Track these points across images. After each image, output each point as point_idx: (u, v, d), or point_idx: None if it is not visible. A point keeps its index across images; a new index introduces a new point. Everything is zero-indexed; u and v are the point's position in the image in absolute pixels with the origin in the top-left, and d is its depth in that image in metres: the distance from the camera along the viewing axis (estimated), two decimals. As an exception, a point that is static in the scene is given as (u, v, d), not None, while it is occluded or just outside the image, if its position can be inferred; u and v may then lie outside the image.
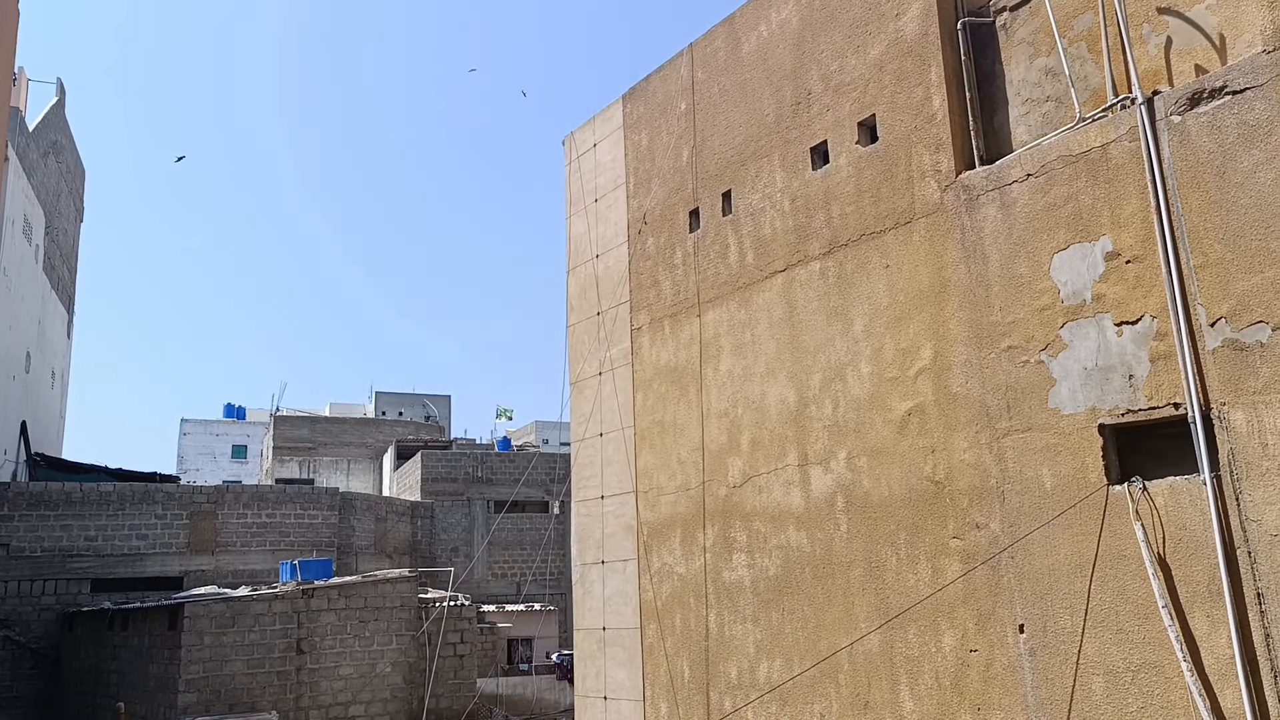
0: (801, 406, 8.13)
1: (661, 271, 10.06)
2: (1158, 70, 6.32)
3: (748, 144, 9.03)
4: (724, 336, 9.09)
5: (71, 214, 32.20)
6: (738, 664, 8.45)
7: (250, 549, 23.99)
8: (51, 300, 29.43)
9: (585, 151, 11.63)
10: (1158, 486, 5.73)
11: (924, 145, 7.32)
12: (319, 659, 17.58)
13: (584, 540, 10.77)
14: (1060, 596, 6.11)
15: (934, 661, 6.83)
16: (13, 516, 21.54)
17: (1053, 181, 6.41)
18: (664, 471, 9.67)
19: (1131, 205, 5.97)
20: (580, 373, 11.24)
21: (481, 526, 32.08)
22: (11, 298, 24.01)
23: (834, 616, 7.60)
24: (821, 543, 7.78)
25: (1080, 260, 6.21)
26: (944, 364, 7.02)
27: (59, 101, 29.45)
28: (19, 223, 24.40)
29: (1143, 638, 5.67)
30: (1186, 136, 5.74)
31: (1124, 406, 5.92)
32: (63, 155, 30.10)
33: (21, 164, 24.19)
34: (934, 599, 6.84)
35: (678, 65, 10.12)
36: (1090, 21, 6.69)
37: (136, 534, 22.82)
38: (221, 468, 56.04)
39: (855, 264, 7.79)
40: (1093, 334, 6.11)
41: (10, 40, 9.82)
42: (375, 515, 28.93)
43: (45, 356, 28.77)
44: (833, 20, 8.21)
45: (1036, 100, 7.04)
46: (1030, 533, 6.29)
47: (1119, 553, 5.84)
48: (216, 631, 16.74)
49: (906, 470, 7.19)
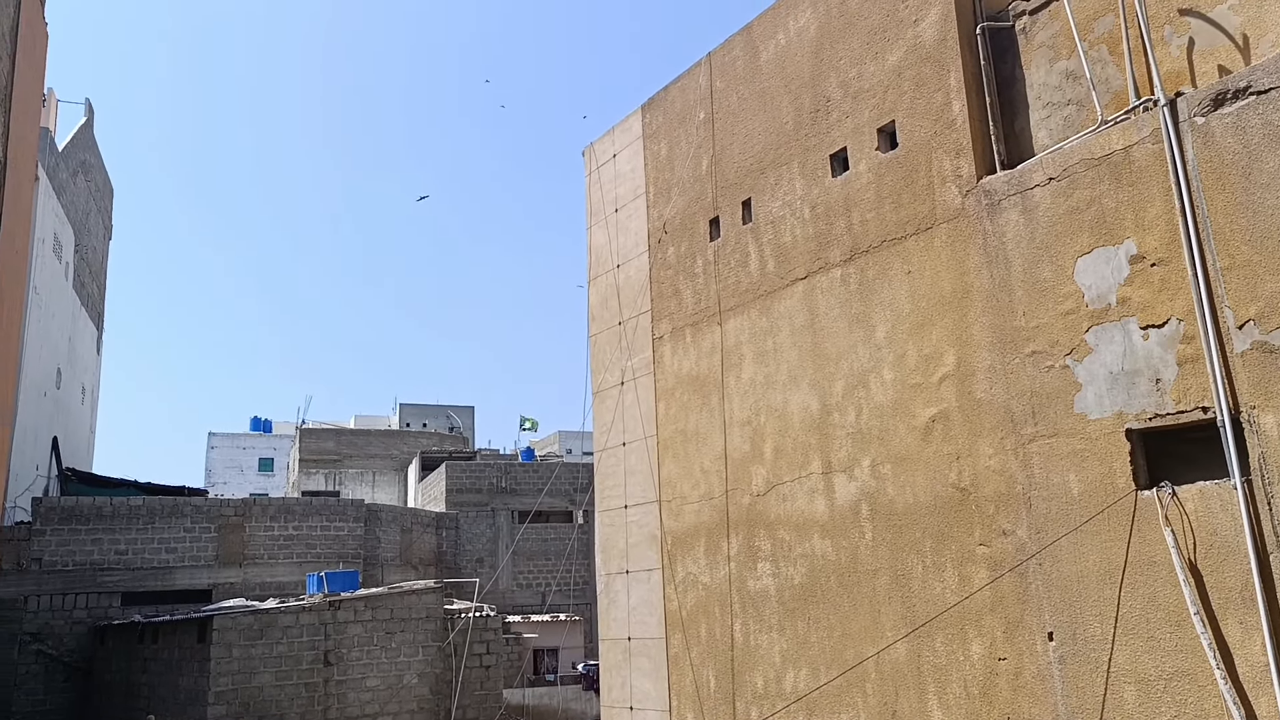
0: (824, 414, 8.11)
1: (682, 280, 10.07)
2: (1180, 71, 6.27)
3: (767, 152, 9.03)
4: (745, 345, 9.08)
5: (100, 232, 32.69)
6: (763, 674, 8.41)
7: (277, 561, 24.17)
8: (81, 317, 29.86)
9: (605, 162, 11.68)
10: (1187, 491, 5.66)
11: (944, 151, 7.30)
12: (346, 670, 17.66)
13: (608, 550, 10.77)
14: (1090, 604, 6.04)
15: (962, 670, 6.77)
16: (45, 531, 21.82)
17: (1075, 185, 6.37)
18: (687, 480, 9.66)
19: (1155, 208, 5.92)
20: (602, 382, 11.26)
21: (506, 537, 32.15)
22: (42, 315, 24.39)
23: (860, 625, 7.56)
24: (846, 551, 7.74)
25: (1104, 264, 6.16)
26: (967, 370, 6.97)
27: (87, 122, 29.95)
28: (49, 241, 24.80)
29: (1175, 645, 5.59)
30: (1211, 138, 5.69)
31: (1151, 411, 5.86)
32: (91, 174, 30.58)
33: (51, 183, 24.60)
34: (961, 607, 6.79)
35: (696, 75, 10.14)
36: (1111, 24, 6.64)
37: (166, 547, 23.06)
38: (249, 481, 56.54)
39: (877, 270, 7.77)
40: (1118, 338, 6.05)
41: (40, 62, 10.01)
42: (400, 526, 29.06)
43: (75, 372, 29.19)
44: (851, 27, 8.21)
45: (1057, 104, 7.00)
46: (1058, 539, 6.23)
47: (1149, 559, 5.77)
48: (245, 644, 16.87)
49: (931, 477, 7.14)
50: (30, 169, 10.21)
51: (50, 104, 25.98)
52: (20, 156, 9.31)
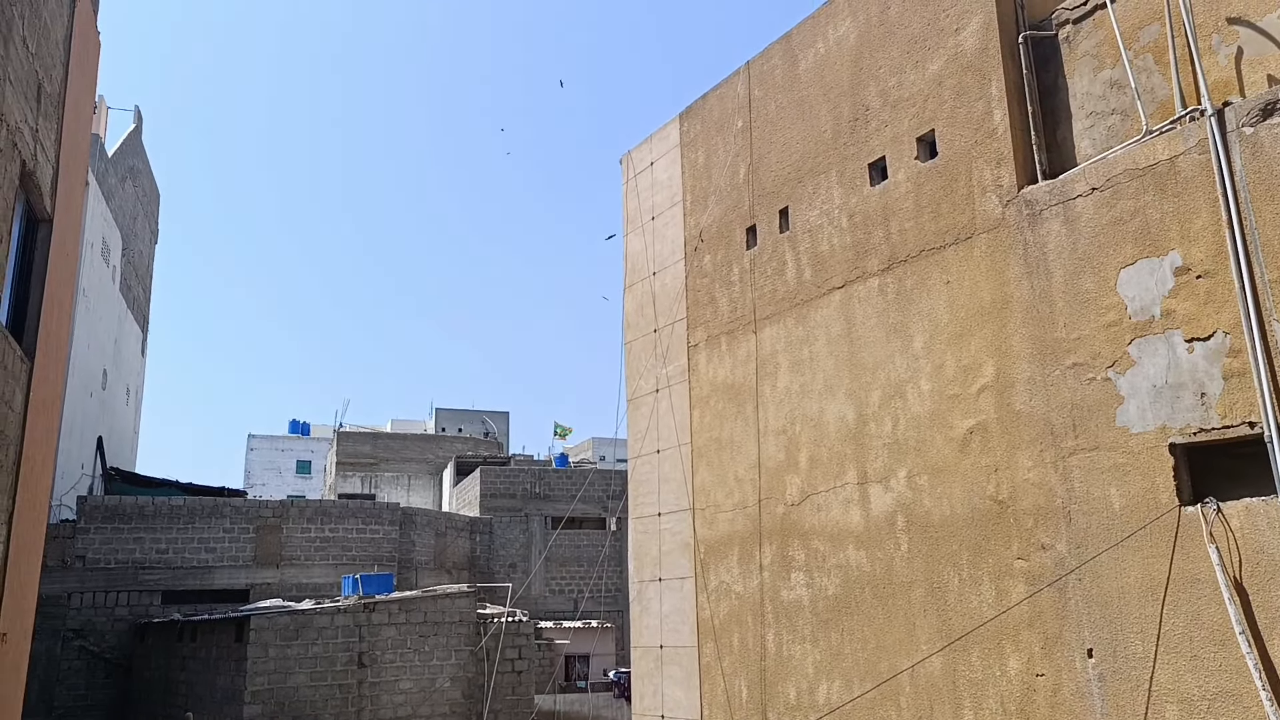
0: (861, 424, 8.06)
1: (718, 288, 10.06)
2: (1228, 81, 6.17)
3: (805, 160, 9.01)
4: (781, 353, 9.06)
5: (147, 236, 33.35)
6: (796, 685, 8.36)
7: (314, 563, 24.45)
8: (127, 319, 30.47)
9: (642, 170, 11.72)
10: (1233, 508, 5.55)
11: (985, 160, 7.24)
12: (380, 673, 17.81)
13: (641, 557, 10.77)
14: (1131, 621, 5.94)
15: (999, 685, 6.69)
16: (89, 529, 22.27)
17: (1119, 195, 6.28)
18: (721, 489, 9.64)
19: (1201, 219, 5.82)
20: (637, 389, 11.28)
21: (539, 542, 32.25)
22: (90, 317, 24.91)
23: (895, 638, 7.49)
24: (882, 562, 7.68)
25: (1148, 275, 6.07)
26: (1006, 381, 6.90)
27: (136, 128, 30.59)
28: (98, 245, 25.34)
29: (1219, 665, 5.48)
30: (1260, 148, 5.59)
31: (1196, 425, 5.76)
32: (139, 180, 31.23)
33: (100, 189, 25.16)
34: (998, 621, 6.70)
35: (735, 83, 10.15)
36: (1156, 33, 6.56)
37: (205, 547, 23.42)
38: (286, 483, 57.28)
39: (915, 280, 7.71)
40: (1162, 350, 5.96)
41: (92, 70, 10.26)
42: (435, 530, 29.27)
43: (121, 374, 29.77)
44: (891, 36, 8.18)
45: (1101, 113, 6.92)
46: (1099, 554, 6.13)
47: (1192, 576, 5.66)
48: (281, 644, 17.08)
49: (968, 489, 7.07)
50: (81, 175, 10.44)
51: (101, 111, 26.58)
52: (72, 163, 9.52)
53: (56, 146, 8.87)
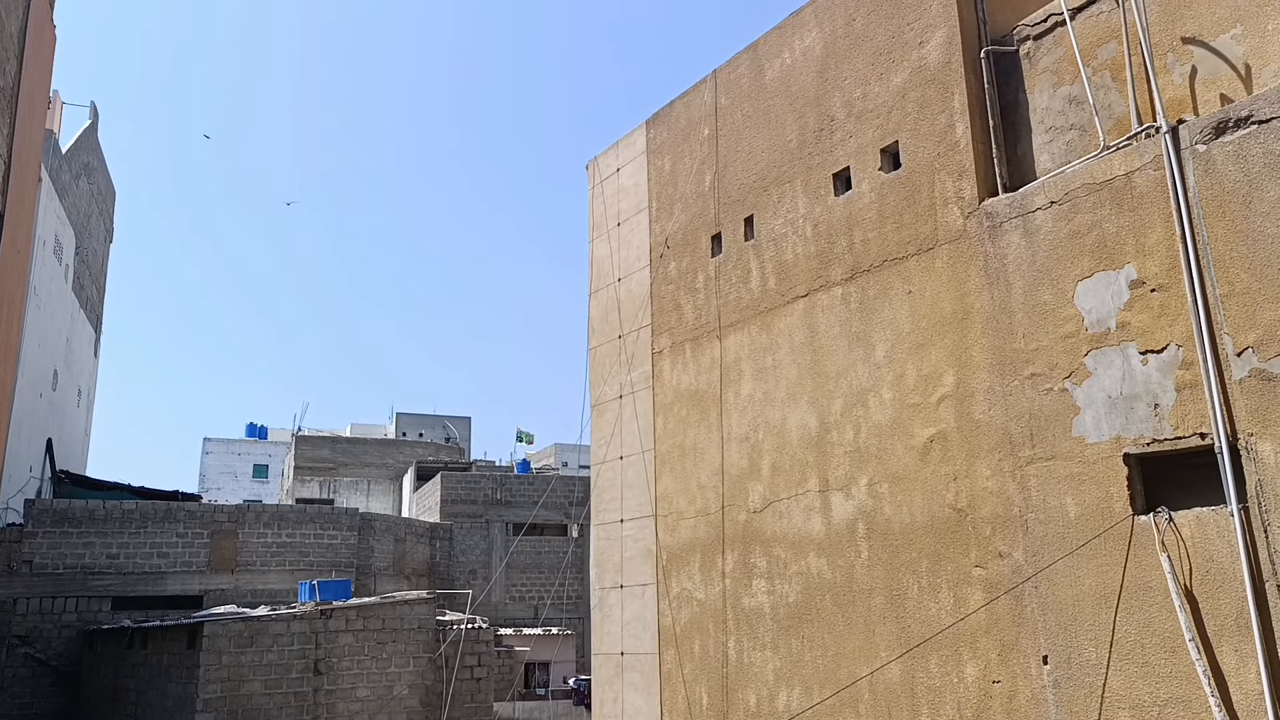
0: (823, 432, 8.11)
1: (683, 295, 10.09)
2: (1182, 99, 6.31)
3: (770, 170, 9.07)
4: (745, 361, 9.09)
5: (101, 235, 32.71)
6: (756, 691, 8.38)
7: (270, 569, 24.07)
8: (80, 319, 29.85)
9: (608, 176, 11.72)
10: (1184, 517, 5.67)
11: (947, 172, 7.33)
12: (336, 680, 17.57)
13: (603, 564, 10.75)
14: (1085, 628, 6.04)
15: (956, 692, 6.75)
16: (36, 533, 21.73)
17: (1076, 209, 6.40)
18: (684, 495, 9.65)
19: (1156, 233, 5.95)
20: (601, 395, 11.26)
21: (500, 549, 32.06)
22: (41, 316, 24.36)
23: (854, 645, 7.54)
24: (842, 570, 7.73)
25: (1104, 288, 6.19)
26: (966, 391, 6.99)
27: (92, 124, 30.01)
28: (50, 243, 24.80)
29: (1169, 671, 5.58)
30: (1212, 165, 5.72)
31: (1149, 436, 5.87)
32: (94, 177, 30.63)
33: (54, 185, 24.63)
34: (956, 628, 6.77)
35: (701, 91, 10.19)
36: (1114, 51, 6.69)
37: (158, 552, 22.96)
38: (243, 487, 56.36)
39: (877, 290, 7.79)
40: (1117, 362, 6.07)
41: (47, 64, 10.04)
42: (394, 536, 28.98)
43: (72, 374, 29.14)
44: (856, 48, 8.26)
45: (1060, 128, 7.04)
46: (1054, 562, 6.23)
47: (1145, 584, 5.77)
48: (235, 651, 16.77)
49: (928, 497, 7.14)
50: (34, 170, 10.22)
51: (55, 106, 26.04)
52: (25, 158, 9.33)
53: (9, 141, 8.67)
